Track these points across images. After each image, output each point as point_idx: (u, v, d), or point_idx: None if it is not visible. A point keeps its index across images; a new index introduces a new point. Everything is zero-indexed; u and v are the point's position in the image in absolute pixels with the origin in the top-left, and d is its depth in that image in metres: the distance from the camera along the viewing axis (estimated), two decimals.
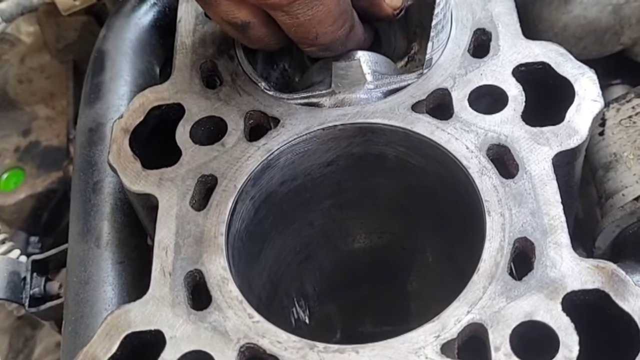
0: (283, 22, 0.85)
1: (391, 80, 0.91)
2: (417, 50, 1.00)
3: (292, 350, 0.73)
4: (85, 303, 0.94)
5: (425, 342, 0.72)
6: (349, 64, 0.91)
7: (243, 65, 0.94)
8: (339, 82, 0.90)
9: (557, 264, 0.75)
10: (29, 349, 1.56)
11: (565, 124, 0.83)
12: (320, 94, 0.90)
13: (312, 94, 0.90)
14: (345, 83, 0.90)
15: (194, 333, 0.75)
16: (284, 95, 0.90)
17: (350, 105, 0.88)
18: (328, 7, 0.84)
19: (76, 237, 0.99)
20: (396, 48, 1.01)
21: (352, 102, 0.89)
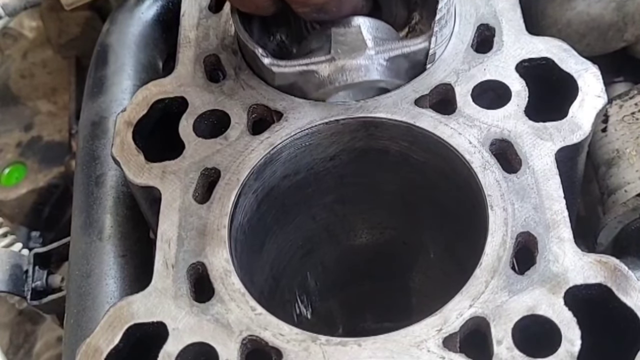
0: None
1: (393, 46, 0.88)
2: (418, 21, 0.99)
3: (294, 342, 0.73)
4: (87, 296, 0.95)
5: (428, 335, 0.72)
6: (349, 30, 0.89)
7: (239, 32, 0.92)
8: (339, 48, 0.87)
9: (559, 259, 0.75)
10: (30, 344, 1.57)
11: (568, 120, 0.83)
12: (319, 61, 0.87)
13: (310, 60, 0.87)
14: (345, 49, 0.87)
15: (197, 325, 0.75)
16: (281, 62, 0.88)
17: (351, 72, 0.86)
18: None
19: (78, 230, 0.99)
20: (397, 17, 0.99)
21: (352, 68, 0.86)
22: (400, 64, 0.88)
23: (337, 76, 0.86)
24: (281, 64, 0.88)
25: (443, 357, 0.71)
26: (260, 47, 0.91)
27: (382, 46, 0.87)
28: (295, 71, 0.87)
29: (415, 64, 0.89)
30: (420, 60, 0.89)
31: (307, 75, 0.87)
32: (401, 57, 0.87)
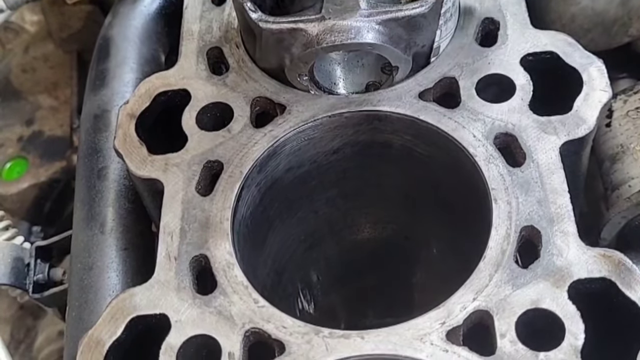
0: None
1: (387, 9, 0.84)
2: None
3: (297, 335, 0.73)
4: (89, 289, 0.94)
5: (431, 328, 0.72)
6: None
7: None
8: (330, 7, 0.84)
9: (563, 252, 0.75)
10: (31, 339, 1.56)
11: (573, 114, 0.83)
12: (309, 19, 0.84)
13: (299, 18, 0.84)
14: (337, 9, 0.84)
15: (199, 317, 0.75)
16: (270, 18, 0.85)
17: (341, 32, 0.83)
18: None
19: (81, 223, 0.99)
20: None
21: (343, 29, 0.83)
22: (394, 28, 0.84)
23: (326, 36, 0.83)
24: (269, 20, 0.85)
25: (446, 350, 0.71)
26: (256, 4, 0.87)
27: (377, 8, 0.84)
28: (282, 28, 0.84)
29: (409, 29, 0.86)
30: (415, 25, 0.86)
31: (295, 34, 0.84)
32: (395, 21, 0.84)
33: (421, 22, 0.85)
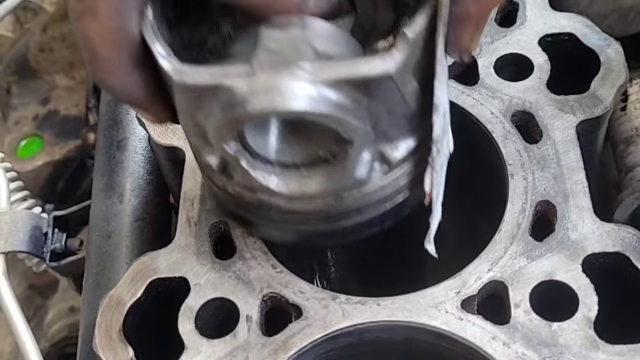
0: None
1: (339, 64, 0.59)
2: None
3: (314, 300, 0.74)
4: (106, 257, 0.96)
5: (446, 297, 0.73)
6: (285, 33, 0.62)
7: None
8: (263, 57, 0.61)
9: (578, 227, 0.76)
10: (39, 318, 1.58)
11: (590, 93, 0.84)
12: (234, 73, 0.59)
13: (223, 70, 0.60)
14: (271, 61, 0.60)
15: (218, 281, 0.76)
16: (186, 68, 0.61)
17: (272, 94, 0.58)
18: None
19: (99, 192, 1.01)
20: (377, 21, 0.72)
21: (276, 90, 0.58)
22: (348, 92, 0.60)
23: (254, 98, 0.58)
24: (185, 70, 0.61)
25: (461, 318, 0.72)
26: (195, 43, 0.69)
27: (324, 63, 0.59)
28: (202, 83, 0.61)
29: (369, 93, 0.61)
30: (378, 88, 0.61)
31: (217, 91, 0.60)
32: (349, 83, 0.59)
33: (386, 84, 0.61)
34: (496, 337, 0.71)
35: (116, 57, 0.62)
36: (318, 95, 0.59)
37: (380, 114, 0.63)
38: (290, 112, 0.59)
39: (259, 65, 0.59)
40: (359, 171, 0.66)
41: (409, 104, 0.64)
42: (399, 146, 0.68)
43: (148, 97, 0.66)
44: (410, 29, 0.60)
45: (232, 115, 0.60)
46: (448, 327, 0.72)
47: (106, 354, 0.73)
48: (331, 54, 0.62)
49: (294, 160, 0.68)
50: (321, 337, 0.72)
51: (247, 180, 0.67)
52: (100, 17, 0.60)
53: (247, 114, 0.59)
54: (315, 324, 0.73)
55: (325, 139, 0.66)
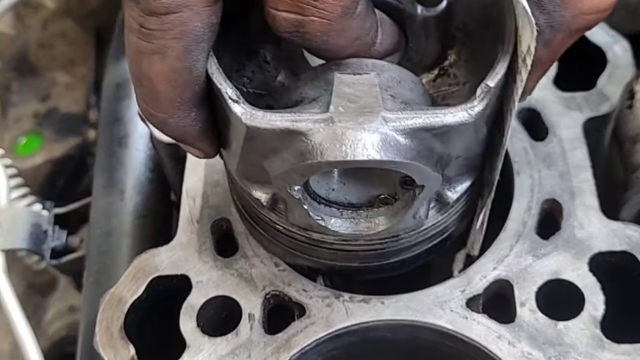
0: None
1: (420, 112, 0.59)
2: (453, 62, 0.71)
3: (317, 298, 0.73)
4: (107, 254, 0.95)
5: (451, 296, 0.73)
6: (359, 79, 0.60)
7: None
8: (342, 104, 0.58)
9: (584, 225, 0.75)
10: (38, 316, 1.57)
11: (596, 91, 0.84)
12: (312, 119, 0.58)
13: (299, 116, 0.58)
14: (351, 108, 0.58)
15: (220, 279, 0.75)
16: (259, 113, 0.59)
17: (354, 145, 0.57)
18: None
19: (100, 190, 1.00)
20: (426, 55, 0.71)
21: (357, 141, 0.57)
22: (426, 140, 0.59)
23: (334, 147, 0.57)
24: (257, 115, 0.59)
25: (466, 317, 0.71)
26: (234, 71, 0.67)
27: (404, 112, 0.59)
28: (275, 128, 0.59)
29: (445, 140, 0.61)
30: (453, 135, 0.60)
31: (291, 137, 0.58)
32: (428, 130, 0.59)
33: (463, 132, 0.60)
34: (501, 336, 0.70)
35: (177, 97, 0.60)
36: (399, 145, 0.58)
37: (450, 159, 0.63)
38: (370, 161, 0.57)
39: (337, 113, 0.58)
40: (419, 213, 0.66)
41: (478, 149, 0.65)
42: (457, 187, 0.68)
43: (200, 134, 0.64)
44: (492, 80, 0.59)
45: (306, 163, 0.58)
46: (453, 326, 0.71)
47: (107, 352, 0.72)
48: (406, 99, 0.62)
49: (353, 202, 0.67)
50: (324, 335, 0.72)
51: (304, 221, 0.66)
52: (169, 58, 0.57)
53: (326, 163, 0.58)
54: (318, 322, 0.72)
55: (386, 181, 0.66)
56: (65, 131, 1.68)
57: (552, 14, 0.59)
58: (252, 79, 0.69)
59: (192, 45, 0.57)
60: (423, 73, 0.71)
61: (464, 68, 0.69)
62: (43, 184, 1.66)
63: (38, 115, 1.70)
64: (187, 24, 0.56)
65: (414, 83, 0.64)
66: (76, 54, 1.72)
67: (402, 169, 0.60)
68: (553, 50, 0.62)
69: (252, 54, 0.69)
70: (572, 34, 0.61)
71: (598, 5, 0.60)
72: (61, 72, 1.74)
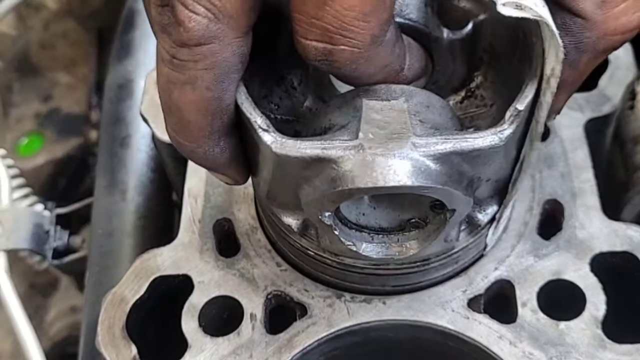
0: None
1: (449, 137, 0.58)
2: (480, 83, 0.71)
3: (319, 298, 0.73)
4: (109, 254, 0.96)
5: (453, 296, 0.73)
6: (388, 105, 0.60)
7: None
8: (371, 130, 0.58)
9: (586, 226, 0.75)
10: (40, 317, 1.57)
11: (598, 91, 0.84)
12: (342, 146, 0.58)
13: (329, 143, 0.59)
14: (380, 134, 0.58)
15: (222, 279, 0.75)
16: (289, 141, 0.59)
17: (384, 171, 0.57)
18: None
19: (102, 190, 1.00)
20: (453, 77, 0.70)
21: (388, 167, 0.57)
22: (456, 164, 0.59)
23: (364, 174, 0.57)
24: (288, 143, 0.59)
25: (467, 317, 0.71)
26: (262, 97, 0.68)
27: (434, 137, 0.58)
28: (305, 156, 0.59)
29: (475, 163, 0.61)
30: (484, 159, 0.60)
31: (322, 164, 0.59)
32: (459, 154, 0.59)
33: (492, 155, 0.60)
34: (503, 336, 0.70)
35: (207, 127, 0.60)
36: (429, 170, 0.58)
37: (481, 182, 0.63)
38: (401, 187, 0.57)
39: (366, 139, 0.58)
40: (450, 236, 0.66)
41: (507, 171, 0.65)
42: (488, 209, 0.68)
43: (229, 162, 0.65)
44: (521, 103, 0.59)
45: (338, 190, 0.58)
46: (454, 326, 0.71)
47: (109, 352, 0.72)
48: (435, 123, 0.62)
49: (384, 226, 0.67)
50: (326, 335, 0.72)
51: (336, 246, 0.67)
52: (199, 88, 0.58)
53: (357, 189, 0.57)
54: (320, 322, 0.72)
55: (417, 205, 0.66)
56: (67, 131, 1.68)
57: (577, 36, 0.60)
58: (280, 105, 0.70)
59: (223, 75, 0.58)
60: (450, 95, 0.71)
61: (491, 89, 0.69)
62: (44, 185, 1.67)
63: (40, 115, 1.71)
64: (217, 55, 0.56)
65: (443, 107, 0.64)
66: (78, 54, 1.73)
67: (433, 194, 0.59)
68: (579, 71, 0.63)
69: (279, 79, 0.70)
70: (598, 55, 0.62)
71: (624, 26, 0.60)
72: (63, 73, 1.74)
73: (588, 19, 0.59)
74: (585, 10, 0.59)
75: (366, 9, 0.53)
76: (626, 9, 0.59)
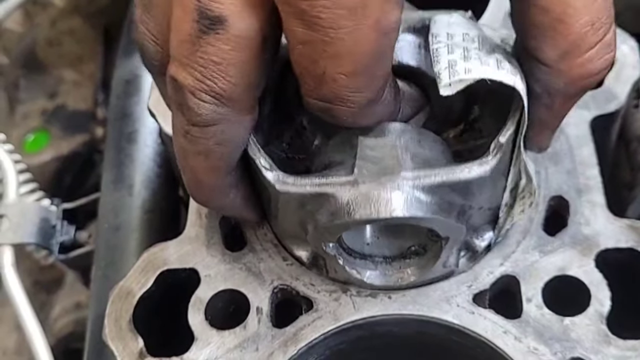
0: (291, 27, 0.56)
1: (437, 171, 0.63)
2: (477, 116, 0.74)
3: (325, 293, 0.74)
4: (115, 249, 0.96)
5: (458, 291, 0.73)
6: (380, 141, 0.65)
7: None
8: (365, 167, 0.64)
9: (591, 222, 0.76)
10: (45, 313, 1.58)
11: (604, 89, 0.84)
12: (338, 182, 0.63)
13: (326, 180, 0.64)
14: (373, 170, 0.63)
15: (229, 273, 0.76)
16: (289, 179, 0.65)
17: (377, 203, 0.62)
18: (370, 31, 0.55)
19: (109, 185, 1.01)
20: (451, 110, 0.74)
21: (380, 199, 0.62)
22: (445, 195, 0.64)
23: (359, 207, 0.62)
24: (288, 181, 0.65)
25: (472, 312, 0.72)
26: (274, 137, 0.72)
27: (423, 170, 0.63)
28: (305, 192, 0.65)
29: (465, 193, 0.66)
30: (472, 188, 0.65)
31: (321, 199, 0.65)
32: (447, 186, 0.64)
33: (480, 185, 0.65)
34: (508, 331, 0.70)
35: (220, 184, 0.68)
36: (419, 201, 0.63)
37: (473, 210, 0.68)
38: (394, 218, 0.62)
39: (361, 175, 0.63)
40: (449, 262, 0.71)
41: (499, 198, 0.70)
42: (484, 235, 0.73)
43: (241, 207, 0.72)
44: (503, 136, 0.65)
45: (336, 222, 0.64)
46: (459, 320, 0.71)
47: (116, 344, 0.73)
48: (425, 158, 0.66)
49: (387, 254, 0.73)
50: (332, 329, 0.72)
51: (342, 275, 0.72)
52: (212, 159, 0.64)
53: (353, 221, 0.63)
54: (326, 316, 0.72)
55: (416, 233, 0.71)
56: (73, 128, 1.68)
57: (545, 82, 0.63)
58: (291, 144, 0.75)
59: (234, 147, 0.64)
60: (450, 129, 0.74)
61: (489, 122, 0.73)
62: (50, 181, 1.67)
63: (46, 112, 1.71)
64: (227, 133, 0.61)
65: (434, 142, 0.68)
66: (84, 51, 1.73)
67: (425, 224, 0.65)
68: (555, 112, 0.66)
69: (289, 120, 0.74)
70: (570, 97, 0.65)
71: (590, 72, 0.62)
72: (69, 70, 1.74)
73: (553, 68, 0.62)
74: (550, 60, 0.61)
75: (360, 85, 0.58)
76: (590, 57, 0.61)
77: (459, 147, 0.73)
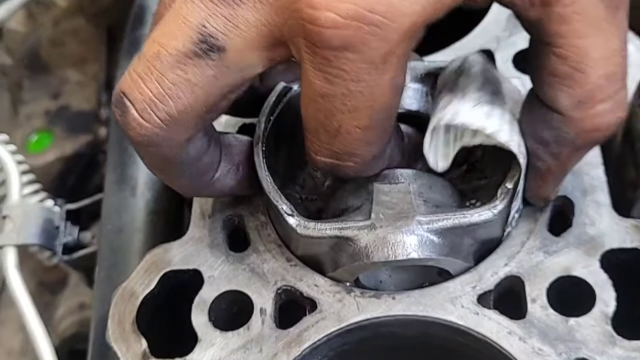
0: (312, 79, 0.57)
1: (449, 215, 0.68)
2: (479, 157, 0.78)
3: (329, 294, 0.74)
4: (119, 250, 0.96)
5: (462, 292, 0.73)
6: (395, 188, 0.70)
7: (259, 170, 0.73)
8: (381, 211, 0.69)
9: (596, 222, 0.75)
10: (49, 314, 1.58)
11: None
12: (357, 226, 0.69)
13: (345, 224, 0.69)
14: (389, 214, 0.68)
15: (232, 273, 0.76)
16: (310, 224, 0.70)
17: (395, 247, 0.67)
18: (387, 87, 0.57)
19: (112, 186, 1.01)
20: None
21: (397, 243, 0.67)
22: (457, 237, 0.70)
23: (377, 250, 0.68)
24: (309, 226, 0.70)
25: (477, 313, 0.71)
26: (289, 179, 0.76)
27: (436, 215, 0.68)
28: (325, 235, 0.70)
29: (474, 234, 0.71)
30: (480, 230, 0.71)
31: (340, 243, 0.69)
32: (459, 228, 0.69)
33: (489, 226, 0.71)
34: (512, 332, 0.70)
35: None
36: (433, 243, 0.68)
37: (478, 248, 0.73)
38: (410, 260, 0.68)
39: (378, 219, 0.68)
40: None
41: (499, 235, 0.74)
42: None
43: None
44: (510, 182, 0.70)
45: (355, 264, 0.69)
46: (464, 321, 0.71)
47: (119, 346, 0.73)
48: (437, 202, 0.71)
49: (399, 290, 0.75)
50: (336, 330, 0.72)
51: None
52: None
53: (372, 263, 0.68)
54: (329, 317, 0.72)
55: (427, 271, 0.74)
56: (76, 129, 1.68)
57: (556, 130, 0.65)
58: (304, 186, 0.79)
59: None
60: (454, 169, 0.76)
61: (490, 164, 0.76)
62: (54, 182, 1.67)
63: (49, 112, 1.71)
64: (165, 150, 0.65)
65: (443, 187, 0.73)
66: (88, 51, 1.73)
67: (437, 264, 0.70)
68: (562, 162, 0.68)
69: (302, 164, 0.78)
70: (578, 149, 0.67)
71: (600, 126, 0.63)
72: (72, 70, 1.74)
73: (566, 116, 0.63)
74: (563, 108, 0.63)
75: (372, 139, 0.61)
76: (603, 111, 0.62)
77: (462, 187, 0.77)
